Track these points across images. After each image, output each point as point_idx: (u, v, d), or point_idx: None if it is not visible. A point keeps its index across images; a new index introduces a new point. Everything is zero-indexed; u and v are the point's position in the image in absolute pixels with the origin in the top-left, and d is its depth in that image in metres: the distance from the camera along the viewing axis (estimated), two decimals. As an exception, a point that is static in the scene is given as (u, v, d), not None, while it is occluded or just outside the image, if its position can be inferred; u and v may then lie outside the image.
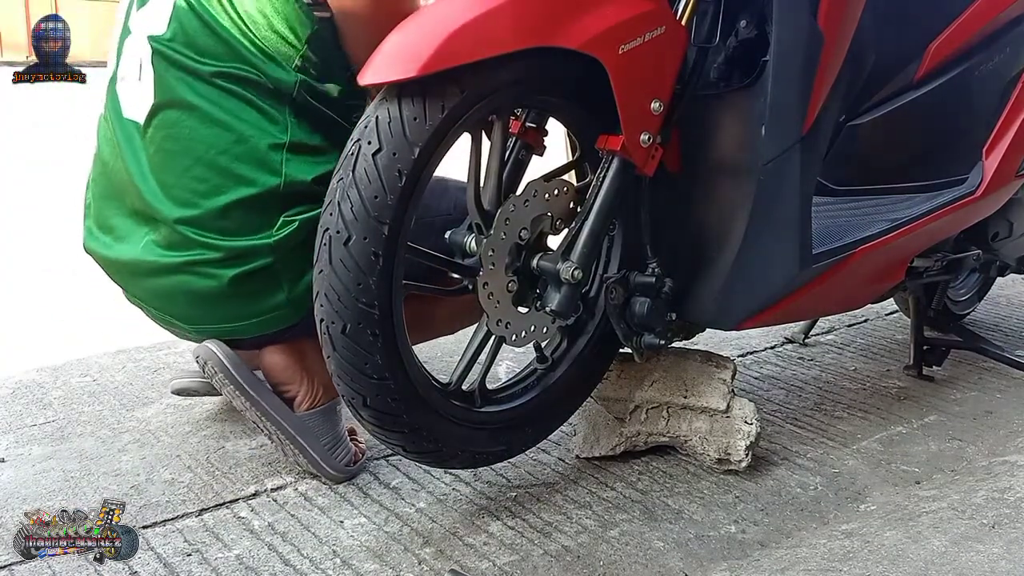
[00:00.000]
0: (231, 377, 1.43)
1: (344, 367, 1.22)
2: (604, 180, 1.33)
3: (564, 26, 1.21)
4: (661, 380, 1.54)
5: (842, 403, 1.85)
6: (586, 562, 1.28)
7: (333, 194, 1.19)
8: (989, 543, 1.25)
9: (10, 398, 1.79)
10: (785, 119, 1.35)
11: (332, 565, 1.26)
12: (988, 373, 2.00)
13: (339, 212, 1.17)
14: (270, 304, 1.41)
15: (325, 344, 1.22)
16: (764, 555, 1.30)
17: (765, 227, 1.39)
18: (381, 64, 1.19)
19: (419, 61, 1.14)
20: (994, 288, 2.40)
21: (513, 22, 1.19)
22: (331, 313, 1.19)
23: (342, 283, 1.17)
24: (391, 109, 1.18)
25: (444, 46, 1.15)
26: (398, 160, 1.17)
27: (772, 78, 1.31)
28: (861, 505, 1.45)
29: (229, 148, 1.37)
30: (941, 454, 1.62)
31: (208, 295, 1.41)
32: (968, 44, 1.79)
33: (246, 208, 1.38)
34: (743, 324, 1.52)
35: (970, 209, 1.77)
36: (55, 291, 2.50)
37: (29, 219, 3.43)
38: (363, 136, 1.18)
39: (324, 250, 1.19)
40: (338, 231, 1.17)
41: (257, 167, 1.37)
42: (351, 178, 1.17)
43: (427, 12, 1.22)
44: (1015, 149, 1.80)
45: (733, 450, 1.49)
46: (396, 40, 1.20)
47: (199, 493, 1.44)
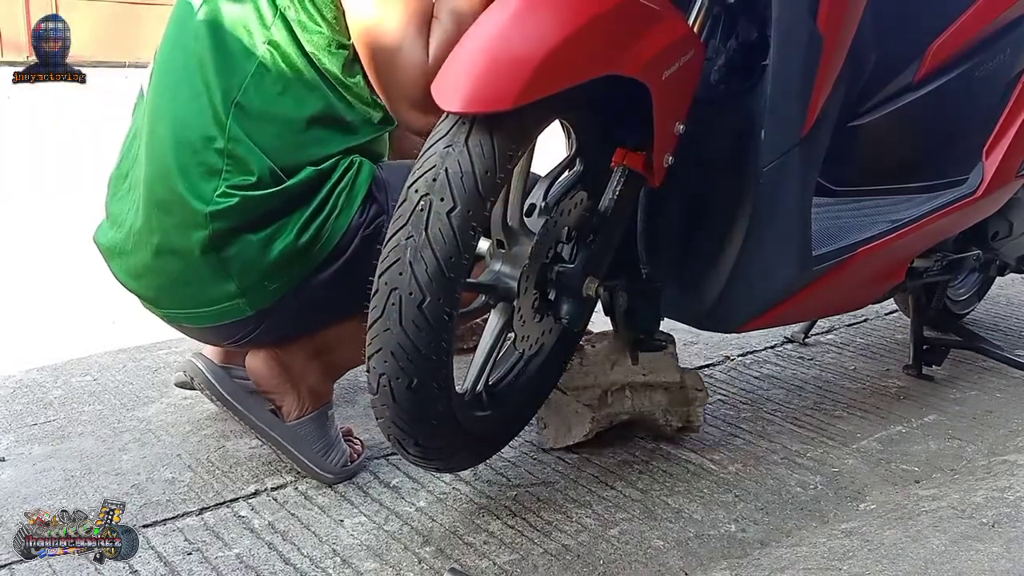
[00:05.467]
0: (217, 392, 1.44)
1: (404, 417, 1.20)
2: (619, 194, 1.31)
3: (625, 52, 1.19)
4: (620, 362, 1.57)
5: (842, 402, 1.85)
6: (586, 561, 1.28)
7: (403, 252, 1.12)
8: (988, 542, 1.25)
9: (10, 398, 1.79)
10: (784, 122, 1.35)
11: (332, 564, 1.26)
12: (988, 373, 2.00)
13: (412, 273, 1.11)
14: (221, 293, 1.36)
15: (383, 397, 1.18)
16: (764, 554, 1.30)
17: (765, 230, 1.39)
18: (462, 88, 1.11)
19: (506, 93, 1.09)
20: (994, 288, 2.40)
21: (589, 49, 1.15)
22: (397, 370, 1.15)
23: (413, 343, 1.13)
24: (461, 160, 1.12)
25: (529, 76, 1.09)
26: (473, 217, 1.12)
27: (771, 81, 1.31)
28: (861, 504, 1.45)
29: (189, 97, 1.35)
30: (941, 453, 1.62)
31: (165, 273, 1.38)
32: (968, 45, 1.79)
33: (187, 154, 1.33)
34: (744, 327, 1.53)
35: (970, 210, 1.77)
36: (55, 290, 2.50)
37: (28, 219, 3.43)
38: (433, 192, 1.11)
39: (393, 310, 1.13)
40: (411, 293, 1.12)
41: (207, 118, 1.33)
42: (424, 238, 1.11)
43: (498, 30, 1.15)
44: (1015, 149, 1.80)
45: (693, 416, 1.62)
46: (472, 60, 1.13)
47: (199, 492, 1.44)
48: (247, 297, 1.36)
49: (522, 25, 1.15)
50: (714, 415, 1.77)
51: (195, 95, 1.35)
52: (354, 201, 1.36)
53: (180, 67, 1.38)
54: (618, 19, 1.18)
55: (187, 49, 1.38)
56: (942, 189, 1.78)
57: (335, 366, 1.50)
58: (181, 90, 1.37)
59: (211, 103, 1.33)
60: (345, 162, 1.37)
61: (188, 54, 1.37)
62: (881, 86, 1.81)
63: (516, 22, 1.15)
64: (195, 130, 1.33)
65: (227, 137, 1.32)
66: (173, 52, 1.41)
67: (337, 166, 1.37)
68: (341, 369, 1.53)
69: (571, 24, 1.13)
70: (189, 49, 1.37)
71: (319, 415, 1.48)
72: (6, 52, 9.70)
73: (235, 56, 1.34)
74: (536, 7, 1.15)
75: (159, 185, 1.36)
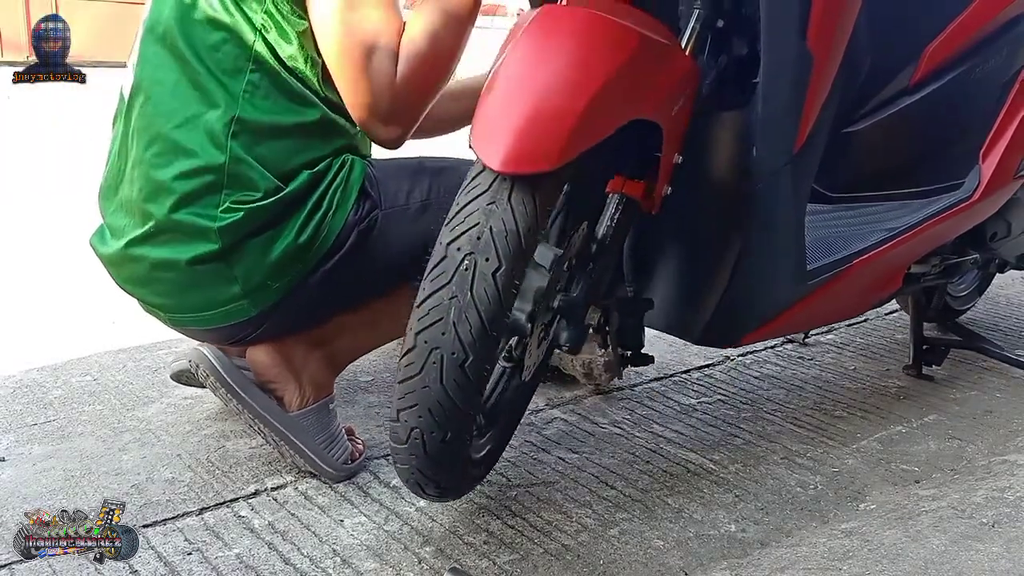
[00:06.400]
0: (223, 380, 1.44)
1: (432, 467, 1.20)
2: (617, 221, 1.30)
3: (647, 95, 1.20)
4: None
5: (842, 402, 1.85)
6: (586, 561, 1.28)
7: (445, 312, 1.11)
8: (989, 542, 1.26)
9: (10, 398, 1.79)
10: (776, 139, 1.34)
11: (332, 564, 1.26)
12: (988, 372, 2.00)
13: (455, 333, 1.10)
14: (226, 296, 1.39)
15: (413, 449, 1.17)
16: (764, 554, 1.30)
17: (759, 247, 1.39)
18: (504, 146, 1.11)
19: (550, 153, 1.10)
20: (994, 288, 2.40)
21: (619, 97, 1.15)
22: (432, 425, 1.14)
23: (452, 400, 1.13)
24: (506, 218, 1.11)
25: (570, 134, 1.10)
26: (515, 275, 1.12)
27: (762, 100, 1.29)
28: (861, 504, 1.45)
29: (181, 121, 1.36)
30: (941, 453, 1.62)
31: (170, 281, 1.40)
32: (965, 47, 1.78)
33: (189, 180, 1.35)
34: (740, 341, 1.54)
35: (967, 214, 1.76)
36: (55, 290, 2.49)
37: (28, 219, 3.43)
38: (478, 251, 1.10)
39: (433, 368, 1.12)
40: (453, 353, 1.11)
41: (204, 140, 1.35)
42: (469, 299, 1.10)
43: (534, 81, 1.15)
44: (1012, 150, 1.79)
45: (594, 366, 1.79)
46: (512, 114, 1.12)
47: (199, 492, 1.44)
48: (250, 298, 1.38)
49: (556, 73, 1.15)
50: (714, 415, 1.77)
51: (189, 118, 1.36)
52: (349, 198, 1.39)
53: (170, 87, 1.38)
54: (640, 62, 1.18)
55: (173, 68, 1.38)
56: (939, 194, 1.78)
57: (336, 357, 1.52)
58: (175, 113, 1.37)
59: (207, 126, 1.35)
60: (338, 162, 1.41)
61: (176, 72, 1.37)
62: (877, 91, 1.80)
63: (549, 70, 1.15)
64: (193, 154, 1.35)
65: (228, 156, 1.34)
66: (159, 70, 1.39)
67: (331, 166, 1.40)
68: (342, 360, 1.54)
69: (602, 73, 1.14)
70: (176, 69, 1.37)
71: (321, 407, 1.49)
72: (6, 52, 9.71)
73: (226, 75, 1.35)
74: (566, 52, 1.16)
75: (156, 206, 1.37)
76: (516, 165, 1.11)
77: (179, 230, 1.36)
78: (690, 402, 1.83)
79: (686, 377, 1.95)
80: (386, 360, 1.97)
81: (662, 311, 1.47)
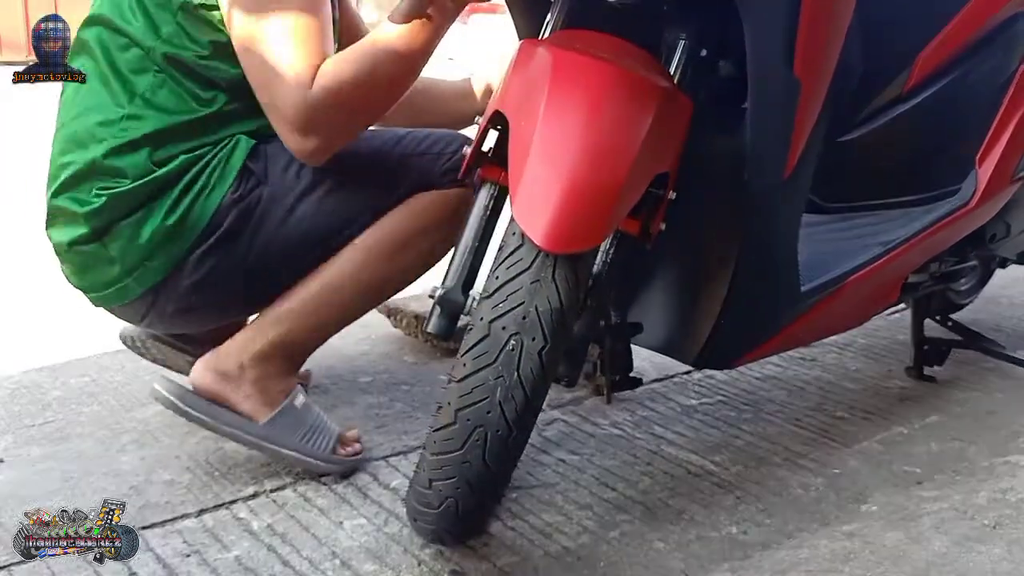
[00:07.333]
0: (183, 411, 1.42)
1: (461, 527, 1.22)
2: (612, 258, 1.29)
3: (667, 150, 1.21)
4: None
5: (843, 404, 1.85)
6: (587, 563, 1.28)
7: (491, 392, 1.10)
8: (991, 544, 1.25)
9: (9, 398, 1.79)
10: (766, 167, 1.32)
11: (331, 566, 1.26)
12: (990, 373, 2.00)
13: (501, 412, 1.10)
14: (111, 276, 1.43)
15: (446, 515, 1.18)
16: (765, 556, 1.30)
17: (751, 270, 1.38)
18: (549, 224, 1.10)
19: (593, 231, 1.12)
20: (996, 288, 2.39)
21: (649, 160, 1.16)
22: (468, 495, 1.15)
23: (494, 473, 1.14)
24: (551, 296, 1.11)
25: (611, 211, 1.12)
26: (560, 349, 1.14)
27: (750, 128, 1.28)
28: (862, 506, 1.44)
29: (80, 112, 1.43)
30: (943, 455, 1.62)
31: (72, 263, 1.47)
32: (959, 51, 1.75)
33: (69, 168, 1.42)
34: (734, 364, 1.56)
35: (965, 220, 1.74)
36: (55, 290, 2.49)
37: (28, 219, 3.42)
38: (524, 331, 1.10)
39: (476, 446, 1.11)
40: (498, 431, 1.11)
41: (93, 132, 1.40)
42: (516, 379, 1.10)
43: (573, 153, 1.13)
44: (1009, 154, 1.77)
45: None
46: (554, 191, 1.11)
47: (198, 494, 1.44)
48: (132, 277, 1.42)
49: (595, 143, 1.14)
50: (715, 416, 1.76)
51: (85, 111, 1.43)
52: (227, 177, 1.40)
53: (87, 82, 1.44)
54: (663, 117, 1.18)
55: (87, 61, 1.45)
56: (936, 200, 1.75)
57: (278, 351, 1.45)
58: (77, 104, 1.44)
59: (100, 119, 1.40)
60: (223, 143, 1.41)
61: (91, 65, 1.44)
62: (870, 99, 1.78)
63: (589, 138, 1.15)
64: (82, 144, 1.41)
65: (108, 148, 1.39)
66: (76, 60, 1.46)
67: (214, 147, 1.41)
68: (289, 352, 1.48)
69: (636, 138, 1.15)
70: (91, 62, 1.44)
71: (287, 408, 1.45)
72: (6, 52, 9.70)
73: (133, 74, 1.40)
74: (600, 114, 1.16)
75: (49, 192, 1.46)
76: (563, 244, 1.11)
77: (61, 215, 1.44)
78: (691, 403, 1.82)
79: (687, 378, 1.94)
80: (386, 361, 1.97)
81: (658, 334, 1.48)
